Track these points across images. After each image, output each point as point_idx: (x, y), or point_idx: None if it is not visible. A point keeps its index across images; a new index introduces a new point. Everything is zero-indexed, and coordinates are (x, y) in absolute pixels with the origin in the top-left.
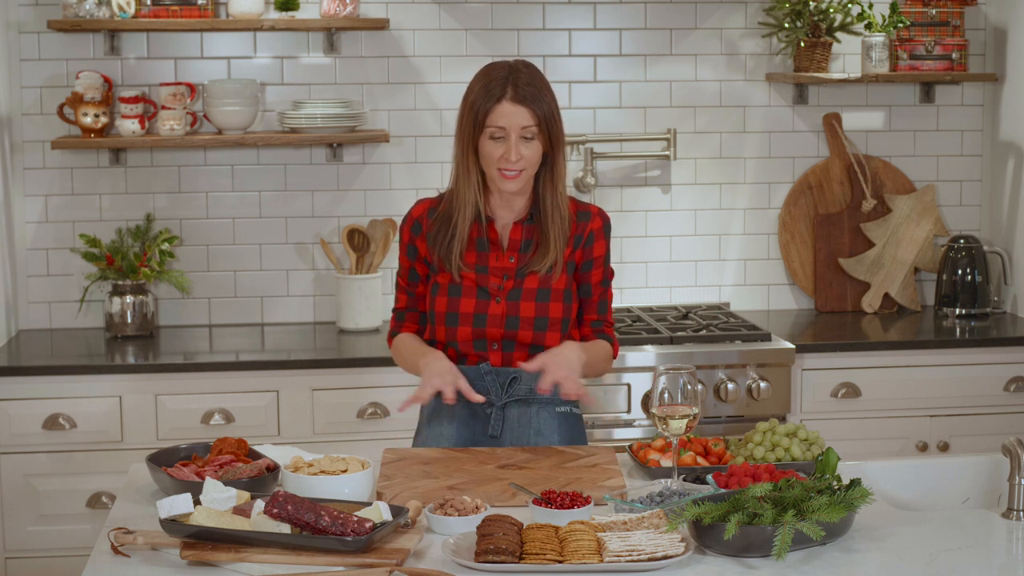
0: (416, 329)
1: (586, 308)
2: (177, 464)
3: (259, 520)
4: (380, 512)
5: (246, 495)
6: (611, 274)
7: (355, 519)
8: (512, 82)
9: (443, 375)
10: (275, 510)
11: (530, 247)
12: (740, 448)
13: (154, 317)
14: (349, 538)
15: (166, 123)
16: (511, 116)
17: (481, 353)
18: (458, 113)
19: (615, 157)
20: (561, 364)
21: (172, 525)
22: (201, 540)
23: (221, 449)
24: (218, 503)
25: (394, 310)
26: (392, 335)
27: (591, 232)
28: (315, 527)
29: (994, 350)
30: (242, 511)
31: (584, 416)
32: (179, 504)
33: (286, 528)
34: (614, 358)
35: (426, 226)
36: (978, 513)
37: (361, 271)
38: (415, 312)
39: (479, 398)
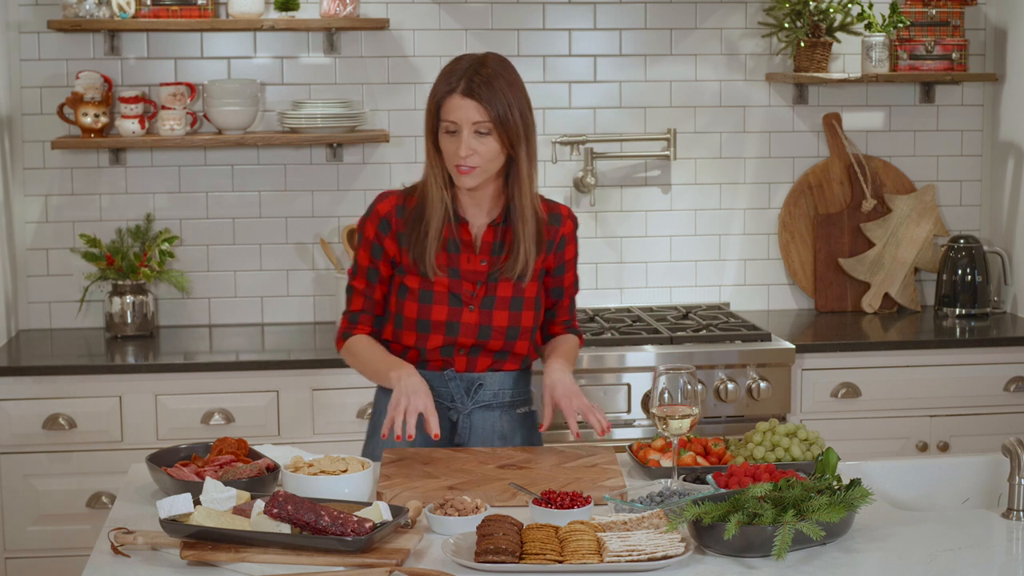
0: (370, 331)
1: (559, 311)
2: (177, 464)
3: (259, 520)
4: (380, 512)
5: (246, 495)
6: (577, 276)
7: (355, 519)
8: (469, 76)
9: (418, 395)
10: (275, 510)
11: (502, 249)
12: (740, 448)
13: (154, 317)
14: (349, 538)
15: (166, 123)
16: (461, 110)
17: (447, 359)
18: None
19: (615, 157)
20: (572, 394)
21: (172, 525)
22: (201, 540)
23: (221, 449)
24: (218, 503)
25: (346, 312)
26: (343, 336)
27: (563, 236)
28: (315, 527)
29: (994, 350)
30: (242, 511)
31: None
32: (179, 504)
33: (286, 528)
34: (582, 345)
35: (395, 224)
36: (978, 513)
37: None
38: (369, 315)
39: (436, 433)
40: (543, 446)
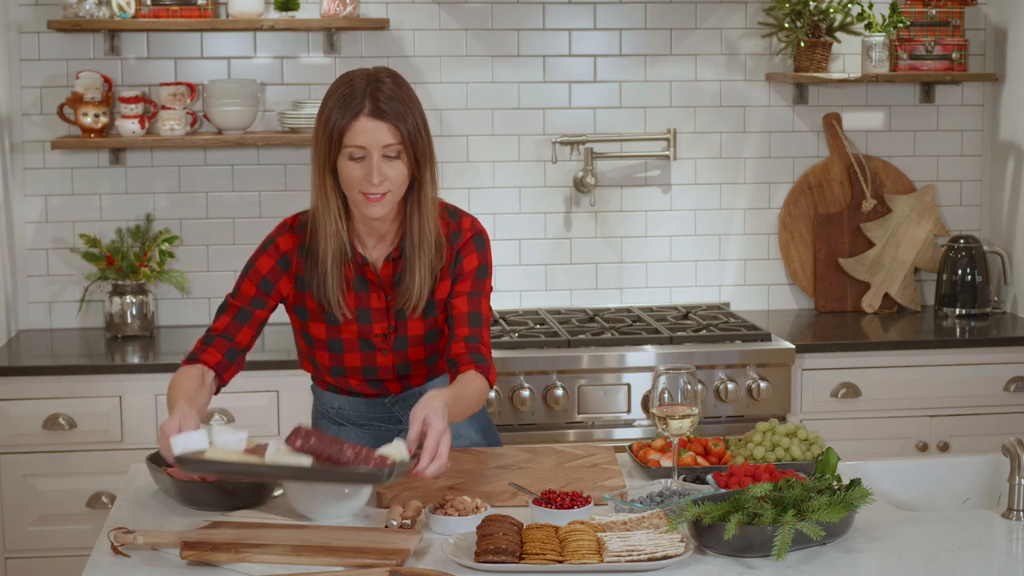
0: (217, 360)
1: (457, 321)
2: None
3: (278, 456)
4: (400, 451)
5: (253, 442)
6: (486, 289)
7: (376, 455)
8: (371, 95)
9: (167, 440)
10: (298, 442)
11: (402, 281)
12: (740, 448)
13: (154, 317)
14: (370, 469)
15: (166, 123)
16: (371, 134)
17: (378, 389)
18: (313, 130)
19: (615, 157)
20: (434, 435)
21: (189, 461)
22: (200, 542)
23: None
24: (230, 444)
25: (206, 331)
26: (189, 357)
27: (458, 252)
28: (338, 460)
29: (994, 350)
30: (254, 452)
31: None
32: (194, 440)
33: (307, 461)
34: (492, 386)
35: (295, 265)
36: (978, 513)
37: None
38: (228, 341)
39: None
40: (543, 446)
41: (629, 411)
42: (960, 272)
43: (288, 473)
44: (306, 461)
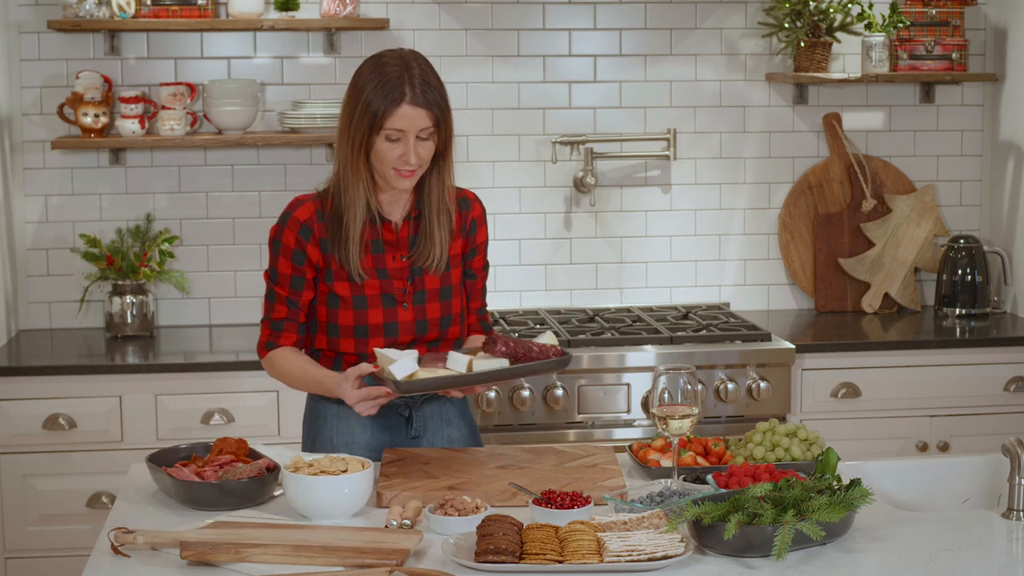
0: (295, 340)
1: (472, 295)
2: (177, 464)
3: (478, 364)
4: (554, 338)
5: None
6: (487, 260)
7: (549, 346)
8: (409, 82)
9: (367, 399)
10: (501, 348)
11: (417, 242)
12: (740, 448)
13: (154, 317)
14: (554, 359)
15: (166, 123)
16: (411, 119)
17: None
18: (344, 109)
19: (615, 157)
20: None
21: (409, 385)
22: (200, 542)
23: (221, 449)
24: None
25: (267, 319)
26: (267, 346)
27: (473, 220)
28: (529, 356)
29: (994, 350)
30: (433, 364)
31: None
32: (405, 367)
33: (504, 362)
34: None
35: (317, 230)
36: (978, 513)
37: None
38: (293, 323)
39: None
40: (543, 446)
41: (629, 411)
42: (960, 272)
43: (497, 375)
44: (504, 363)
